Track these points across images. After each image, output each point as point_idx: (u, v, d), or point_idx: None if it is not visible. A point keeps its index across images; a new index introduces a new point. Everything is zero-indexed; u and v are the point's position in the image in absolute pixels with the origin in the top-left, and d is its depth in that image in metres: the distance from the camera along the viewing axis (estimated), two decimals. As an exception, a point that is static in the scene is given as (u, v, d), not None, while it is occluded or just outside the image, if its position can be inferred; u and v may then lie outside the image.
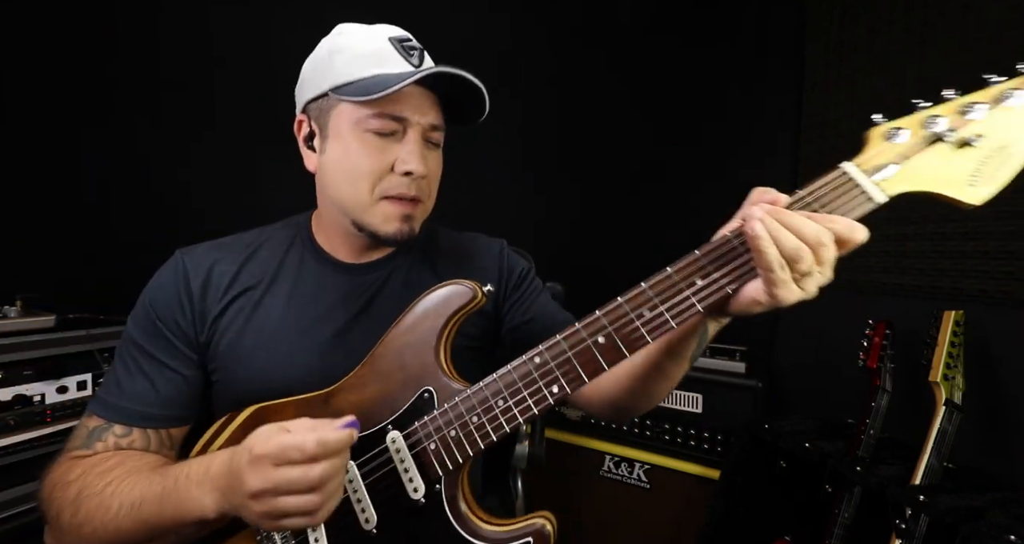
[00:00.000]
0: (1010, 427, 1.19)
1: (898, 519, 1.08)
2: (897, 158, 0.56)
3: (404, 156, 0.74)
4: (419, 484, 0.67)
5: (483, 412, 0.65)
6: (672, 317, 0.59)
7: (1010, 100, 0.54)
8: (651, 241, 2.01)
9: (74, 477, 0.68)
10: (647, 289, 0.60)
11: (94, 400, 0.76)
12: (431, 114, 0.76)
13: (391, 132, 0.74)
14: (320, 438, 0.55)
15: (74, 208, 1.62)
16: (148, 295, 0.79)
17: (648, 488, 1.68)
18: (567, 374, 0.62)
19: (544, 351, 0.64)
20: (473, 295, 0.70)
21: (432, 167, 0.79)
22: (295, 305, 0.80)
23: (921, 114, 0.57)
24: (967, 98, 0.56)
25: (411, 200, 0.76)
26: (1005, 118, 0.54)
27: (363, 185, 0.75)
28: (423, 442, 0.67)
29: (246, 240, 0.85)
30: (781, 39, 1.89)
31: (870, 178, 0.56)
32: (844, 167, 0.57)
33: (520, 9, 2.02)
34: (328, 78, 0.75)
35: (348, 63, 0.74)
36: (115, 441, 0.73)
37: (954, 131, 0.55)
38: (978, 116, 0.55)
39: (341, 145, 0.75)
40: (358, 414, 0.70)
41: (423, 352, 0.71)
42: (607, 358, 0.61)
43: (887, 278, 1.51)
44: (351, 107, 0.74)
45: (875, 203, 0.55)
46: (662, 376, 0.72)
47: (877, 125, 0.58)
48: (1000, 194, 0.57)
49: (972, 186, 0.55)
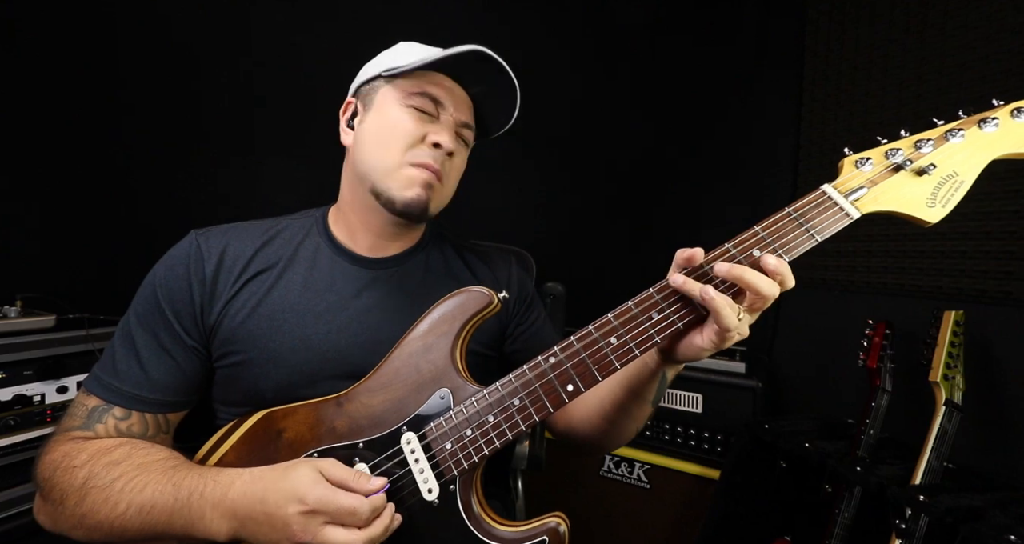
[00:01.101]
0: (1010, 427, 1.19)
1: (898, 519, 1.08)
2: (867, 182, 0.67)
3: (437, 130, 0.80)
4: (434, 485, 0.67)
5: (500, 412, 0.67)
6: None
7: (955, 138, 0.67)
8: (651, 241, 2.02)
9: (80, 463, 0.67)
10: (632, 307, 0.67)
11: (91, 378, 0.75)
12: (465, 111, 0.84)
13: (428, 112, 0.81)
14: (375, 506, 0.61)
15: (74, 208, 1.62)
16: (157, 274, 0.78)
17: (648, 488, 1.68)
18: (582, 373, 0.65)
19: (559, 351, 0.66)
20: (489, 301, 0.73)
21: (457, 158, 0.84)
22: (309, 292, 0.80)
23: (882, 147, 0.69)
24: (919, 135, 0.69)
25: (435, 171, 0.80)
26: (952, 151, 0.67)
27: (396, 147, 0.79)
28: (439, 443, 0.68)
29: (263, 226, 0.86)
30: (781, 41, 1.90)
31: (846, 198, 0.66)
32: (824, 189, 0.67)
33: (520, 10, 2.02)
34: (382, 65, 0.84)
35: (402, 54, 0.83)
36: (115, 423, 0.73)
37: (911, 161, 0.67)
38: (928, 150, 0.67)
39: (381, 116, 0.82)
40: (372, 417, 0.71)
41: (439, 355, 0.72)
42: (619, 359, 0.65)
43: (887, 278, 1.51)
44: (396, 87, 0.81)
45: (851, 218, 0.65)
46: (628, 417, 0.79)
47: (847, 155, 0.70)
48: (1000, 194, 0.61)
49: (930, 207, 0.66)
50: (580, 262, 1.88)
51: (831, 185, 0.67)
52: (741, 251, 0.64)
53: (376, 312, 0.81)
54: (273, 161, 1.79)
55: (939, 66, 1.40)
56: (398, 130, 0.79)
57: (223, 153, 1.79)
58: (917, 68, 1.46)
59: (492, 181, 1.89)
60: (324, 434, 0.72)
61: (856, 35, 1.64)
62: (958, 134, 0.67)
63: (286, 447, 0.72)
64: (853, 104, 1.65)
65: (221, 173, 1.79)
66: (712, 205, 1.97)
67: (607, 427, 0.82)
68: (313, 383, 0.76)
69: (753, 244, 0.65)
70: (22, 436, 1.21)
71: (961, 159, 0.67)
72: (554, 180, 2.10)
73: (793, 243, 0.64)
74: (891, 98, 1.52)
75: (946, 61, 1.39)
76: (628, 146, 2.08)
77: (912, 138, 0.69)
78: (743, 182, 1.93)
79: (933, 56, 1.42)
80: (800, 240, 0.64)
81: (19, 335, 1.21)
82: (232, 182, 1.80)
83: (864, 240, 1.57)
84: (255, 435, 0.74)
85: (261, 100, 1.79)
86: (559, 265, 1.37)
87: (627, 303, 0.66)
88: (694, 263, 0.64)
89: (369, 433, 0.71)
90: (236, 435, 0.74)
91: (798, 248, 0.64)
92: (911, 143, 0.68)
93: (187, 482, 0.65)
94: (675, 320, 0.64)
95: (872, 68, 1.59)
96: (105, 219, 1.67)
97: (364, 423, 0.71)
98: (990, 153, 0.66)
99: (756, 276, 0.60)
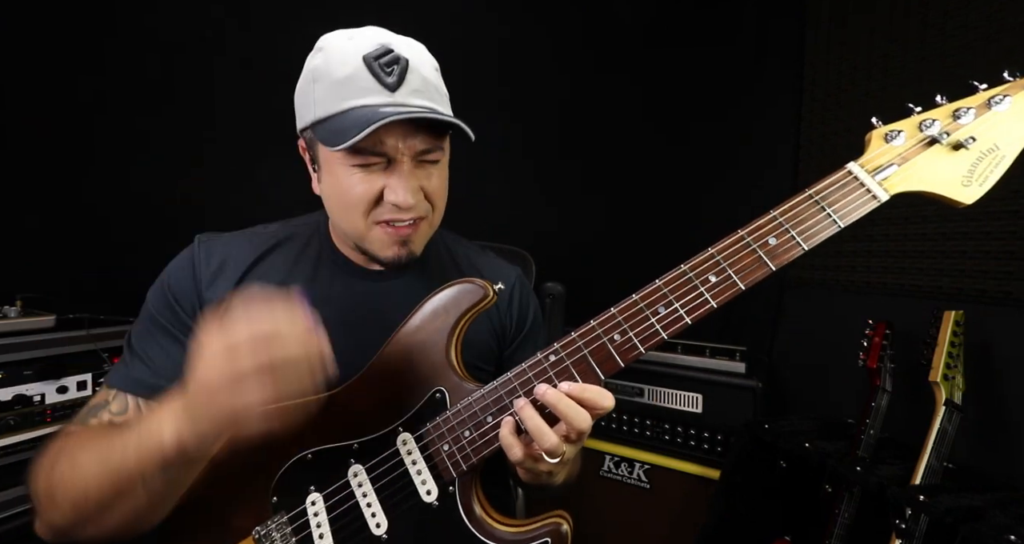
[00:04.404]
0: (1010, 427, 1.19)
1: (898, 519, 1.08)
2: (897, 159, 0.59)
3: (393, 185, 0.72)
4: (432, 487, 0.66)
5: (499, 412, 0.65)
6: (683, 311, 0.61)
7: (999, 105, 0.57)
8: (651, 241, 2.01)
9: (54, 451, 0.67)
10: (660, 287, 0.63)
11: (114, 374, 0.77)
12: (417, 139, 0.72)
13: (377, 163, 0.72)
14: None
15: (74, 208, 1.62)
16: (166, 275, 0.81)
17: (648, 488, 1.68)
18: (583, 371, 0.63)
19: (560, 348, 0.64)
20: (484, 294, 0.70)
21: (433, 185, 0.77)
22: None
23: (916, 118, 0.60)
24: (958, 103, 0.59)
25: (408, 225, 0.75)
26: (995, 121, 0.58)
27: (356, 214, 0.74)
28: (436, 443, 0.66)
29: (265, 235, 0.86)
30: (781, 41, 1.90)
31: (873, 178, 0.58)
32: (850, 167, 0.59)
33: (520, 10, 2.02)
34: (310, 110, 0.73)
35: (325, 94, 0.71)
36: (109, 418, 0.73)
37: (948, 134, 0.58)
38: (968, 120, 0.58)
39: (331, 177, 0.75)
40: (365, 417, 0.69)
41: (433, 352, 0.70)
42: (623, 356, 0.62)
43: (887, 278, 1.51)
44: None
45: (879, 201, 0.58)
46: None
47: (876, 128, 0.61)
48: (1000, 194, 0.58)
49: (966, 187, 0.58)
50: (580, 262, 1.88)
51: (857, 163, 0.60)
52: (755, 238, 0.59)
53: (375, 325, 0.80)
54: (274, 161, 1.79)
55: (939, 66, 1.40)
56: (351, 197, 0.73)
57: (225, 154, 1.79)
58: (917, 68, 1.46)
59: (492, 181, 1.89)
60: (319, 434, 0.71)
61: (856, 35, 1.64)
62: (1004, 101, 0.57)
63: (280, 446, 0.71)
64: (853, 104, 1.65)
65: (222, 174, 1.79)
66: (712, 205, 1.97)
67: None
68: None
69: (769, 230, 0.59)
70: (22, 436, 1.20)
71: (1005, 130, 0.57)
72: (554, 180, 2.10)
73: (813, 230, 0.58)
74: (891, 98, 1.52)
75: (946, 61, 1.38)
76: (628, 146, 2.07)
77: (950, 106, 0.59)
78: (743, 182, 1.93)
79: (933, 56, 1.42)
80: (821, 226, 0.58)
81: (19, 335, 1.21)
82: (233, 183, 1.80)
83: (864, 240, 1.57)
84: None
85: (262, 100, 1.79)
86: (559, 265, 1.37)
87: (632, 296, 0.63)
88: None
89: (363, 433, 0.70)
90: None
91: (818, 235, 0.58)
92: (948, 112, 0.59)
93: (131, 427, 0.62)
94: (682, 314, 0.60)
95: (872, 68, 1.58)
96: (105, 219, 1.66)
97: (358, 423, 0.70)
98: None
99: (568, 406, 0.59)
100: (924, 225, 1.40)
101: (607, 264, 2.02)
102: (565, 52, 2.06)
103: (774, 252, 0.58)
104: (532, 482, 0.70)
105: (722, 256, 0.60)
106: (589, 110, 2.08)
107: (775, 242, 0.58)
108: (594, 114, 2.08)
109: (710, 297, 0.60)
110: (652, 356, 1.70)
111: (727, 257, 0.60)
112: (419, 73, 0.72)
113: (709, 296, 0.60)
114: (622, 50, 2.06)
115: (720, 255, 0.60)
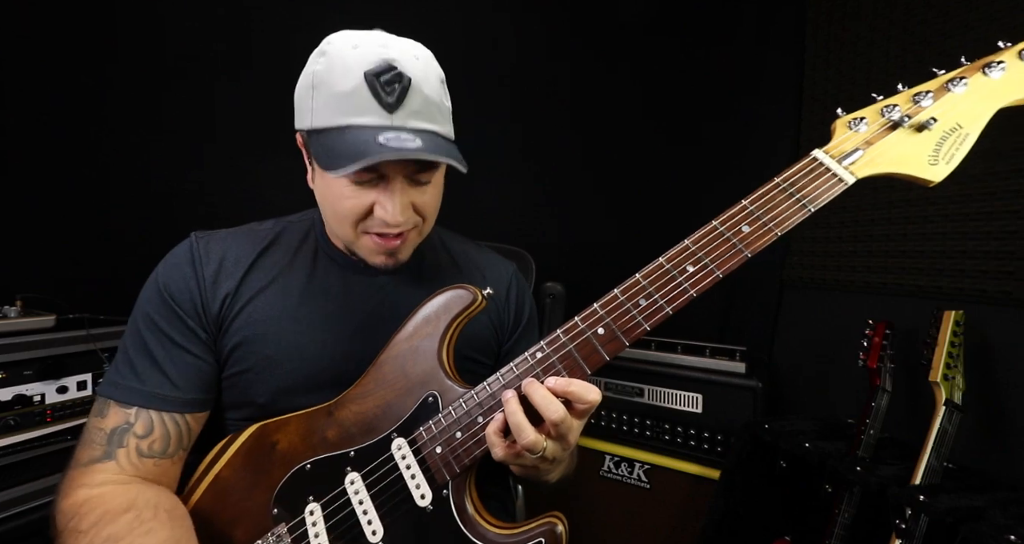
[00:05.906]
0: (1010, 427, 1.19)
1: (898, 519, 1.08)
2: (862, 144, 0.62)
3: (383, 201, 0.71)
4: (426, 491, 0.66)
5: (488, 411, 0.65)
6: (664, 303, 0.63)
7: (957, 87, 0.61)
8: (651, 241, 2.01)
9: (85, 527, 0.64)
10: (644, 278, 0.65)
11: (107, 385, 0.74)
12: (411, 165, 0.71)
13: (370, 179, 0.71)
14: None
15: (74, 208, 1.62)
16: (160, 277, 0.78)
17: (648, 488, 1.68)
18: (570, 367, 0.63)
19: (545, 346, 0.65)
20: (473, 299, 0.71)
21: (425, 200, 0.76)
22: (306, 299, 0.80)
23: (878, 104, 0.64)
24: (917, 87, 0.63)
25: (396, 236, 0.76)
26: (954, 102, 0.61)
27: (345, 224, 0.75)
28: (429, 446, 0.67)
29: (262, 232, 0.86)
30: (781, 40, 1.89)
31: (839, 163, 0.62)
32: (815, 154, 0.64)
33: (521, 9, 2.02)
34: (306, 117, 0.72)
35: (323, 105, 0.70)
36: (136, 444, 0.71)
37: (909, 117, 0.62)
38: (928, 102, 0.61)
39: (323, 183, 0.75)
40: (362, 424, 0.69)
41: (426, 358, 0.70)
42: (607, 349, 0.63)
43: (887, 278, 1.51)
44: None
45: (846, 184, 0.62)
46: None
47: (840, 117, 0.66)
48: (1000, 194, 0.59)
49: (933, 165, 0.60)
50: (580, 262, 1.88)
51: (822, 150, 0.64)
52: (728, 228, 0.62)
53: (372, 320, 0.81)
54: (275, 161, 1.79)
55: (939, 66, 1.40)
56: (341, 208, 0.73)
57: (225, 154, 1.79)
58: (917, 68, 1.46)
59: (492, 181, 1.89)
60: (317, 444, 0.71)
61: (856, 35, 1.64)
62: (960, 83, 0.61)
63: (280, 459, 0.72)
64: (853, 104, 1.64)
65: (222, 174, 1.79)
66: (712, 205, 1.95)
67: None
68: (308, 391, 0.76)
69: (742, 219, 0.62)
70: (22, 436, 1.21)
71: (964, 110, 0.60)
72: (554, 180, 2.10)
73: (784, 215, 0.61)
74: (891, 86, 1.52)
75: (946, 61, 1.38)
76: (628, 145, 2.07)
77: (909, 92, 0.64)
78: (743, 182, 1.92)
79: (933, 56, 1.42)
80: (791, 211, 0.61)
81: (19, 335, 1.21)
82: (233, 182, 1.80)
83: (864, 240, 1.56)
84: (250, 449, 0.74)
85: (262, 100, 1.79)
86: (559, 265, 1.37)
87: (613, 291, 0.64)
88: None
89: (360, 441, 0.70)
90: (231, 450, 0.74)
91: (789, 220, 0.61)
92: (908, 97, 0.63)
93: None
94: (663, 304, 0.62)
95: (872, 68, 1.58)
96: (106, 219, 1.67)
97: (355, 431, 0.71)
98: (997, 101, 0.60)
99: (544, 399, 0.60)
100: (924, 225, 1.40)
101: (607, 264, 2.02)
102: (565, 51, 2.06)
103: (747, 239, 0.61)
104: (526, 477, 0.71)
105: (697, 246, 0.62)
106: (589, 110, 2.08)
107: (748, 230, 0.61)
108: (594, 114, 2.08)
109: (689, 286, 0.61)
110: (652, 356, 1.70)
111: (702, 247, 0.62)
112: (421, 92, 0.70)
113: (688, 285, 0.62)
114: (622, 49, 2.05)
115: (695, 245, 0.62)
